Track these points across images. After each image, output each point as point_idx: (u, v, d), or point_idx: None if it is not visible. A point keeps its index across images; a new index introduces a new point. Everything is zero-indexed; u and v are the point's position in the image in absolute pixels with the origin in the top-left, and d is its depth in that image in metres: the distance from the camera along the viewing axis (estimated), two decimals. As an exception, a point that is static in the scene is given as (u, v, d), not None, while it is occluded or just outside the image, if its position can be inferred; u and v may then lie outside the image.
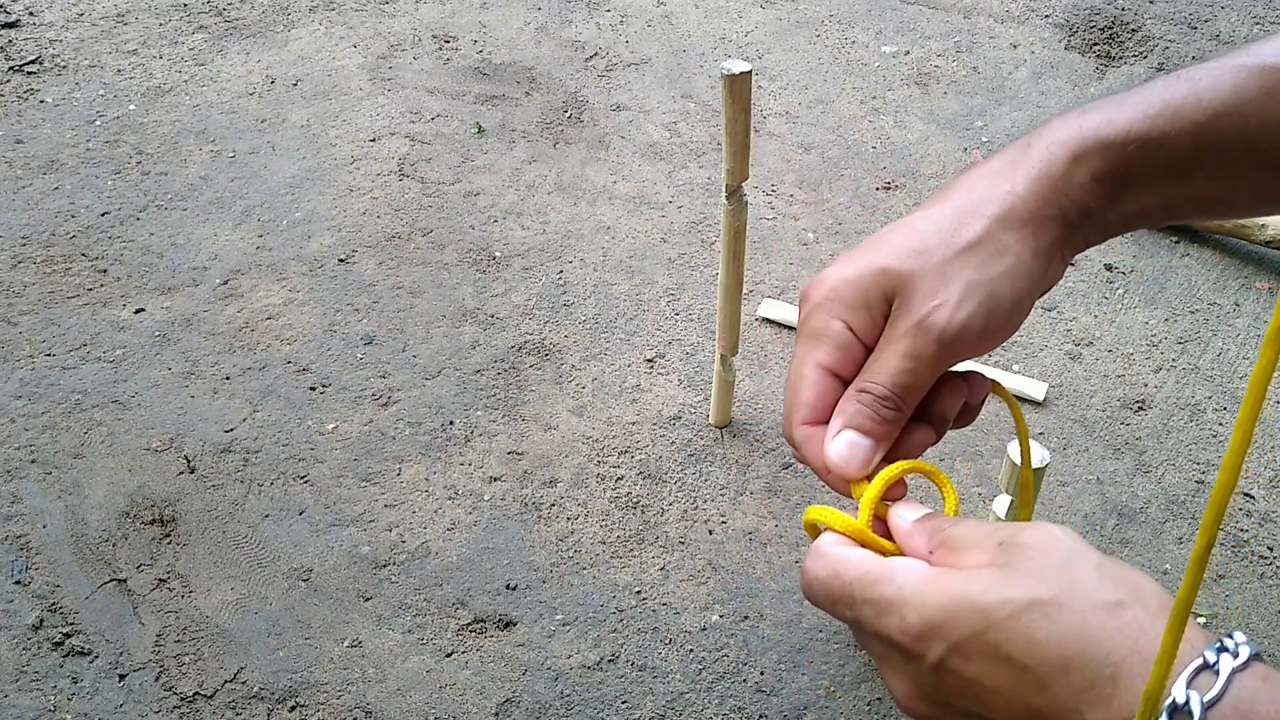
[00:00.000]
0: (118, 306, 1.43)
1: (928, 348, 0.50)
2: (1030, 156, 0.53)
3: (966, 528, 0.47)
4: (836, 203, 1.60)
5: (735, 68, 0.92)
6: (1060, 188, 0.52)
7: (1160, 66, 1.87)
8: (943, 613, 0.43)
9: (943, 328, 0.50)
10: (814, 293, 0.54)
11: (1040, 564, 0.42)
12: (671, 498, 1.20)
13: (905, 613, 0.44)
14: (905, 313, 0.51)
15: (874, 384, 0.51)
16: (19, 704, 1.03)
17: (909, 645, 0.44)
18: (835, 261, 0.55)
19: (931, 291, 0.50)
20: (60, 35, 1.91)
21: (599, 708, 1.03)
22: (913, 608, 0.43)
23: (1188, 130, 0.51)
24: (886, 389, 0.51)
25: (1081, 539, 0.44)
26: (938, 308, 0.50)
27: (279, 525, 1.18)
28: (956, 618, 0.42)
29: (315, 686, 1.05)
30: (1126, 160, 0.52)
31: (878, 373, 0.51)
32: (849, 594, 0.46)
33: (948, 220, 0.52)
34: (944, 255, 0.51)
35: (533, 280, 1.47)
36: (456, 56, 1.88)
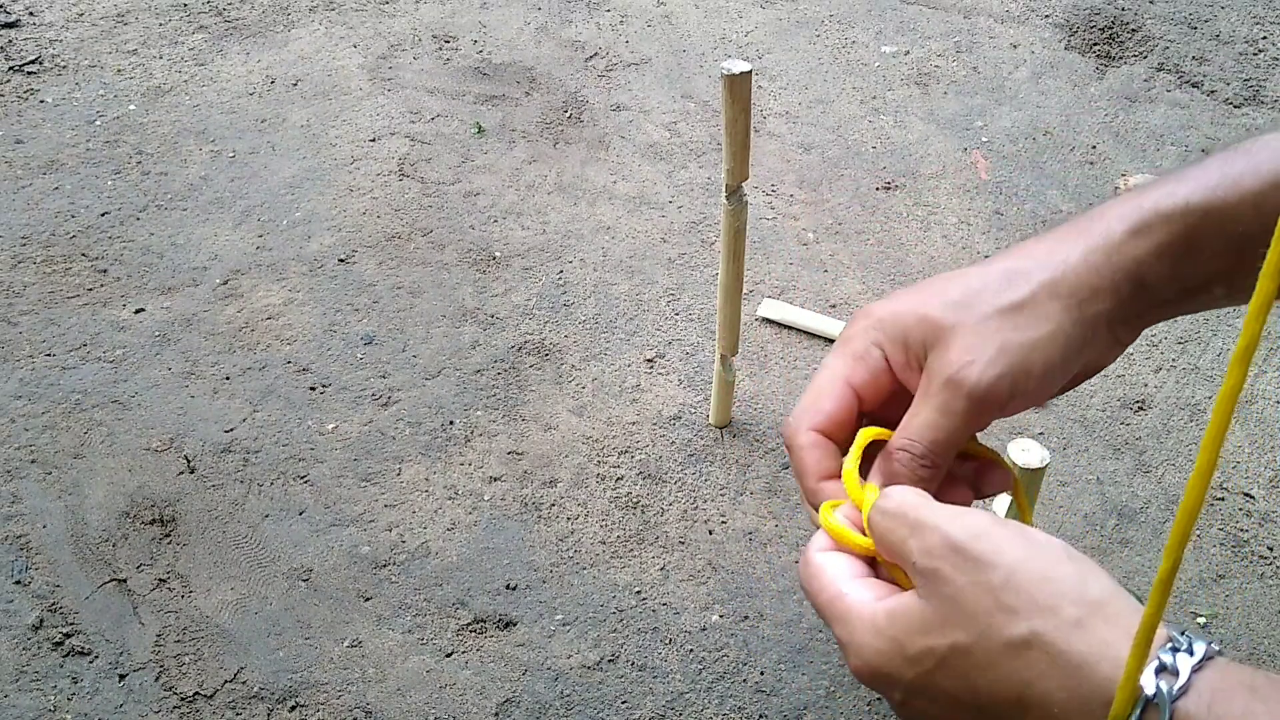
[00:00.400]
0: (118, 306, 1.43)
1: (959, 403, 0.51)
2: (1091, 229, 0.54)
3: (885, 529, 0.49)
4: (836, 203, 1.60)
5: (735, 68, 0.92)
6: (1114, 260, 0.52)
7: (1160, 67, 1.87)
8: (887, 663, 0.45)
9: (972, 385, 0.51)
10: (861, 319, 0.56)
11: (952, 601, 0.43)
12: (671, 498, 1.20)
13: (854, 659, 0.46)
14: (940, 367, 0.52)
15: (911, 442, 0.52)
16: (19, 704, 1.03)
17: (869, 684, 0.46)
18: (891, 294, 0.56)
19: (967, 348, 0.51)
20: (60, 35, 1.91)
21: (599, 708, 1.03)
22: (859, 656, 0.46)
23: (1249, 199, 0.51)
24: (924, 447, 0.52)
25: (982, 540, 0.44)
26: (969, 365, 0.51)
27: (279, 525, 1.18)
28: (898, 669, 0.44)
29: (315, 686, 1.05)
30: (1188, 231, 0.52)
31: (915, 430, 0.53)
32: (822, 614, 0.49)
33: (998, 279, 0.53)
34: (985, 312, 0.52)
35: (533, 280, 1.47)
36: (456, 56, 1.88)
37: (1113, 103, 1.80)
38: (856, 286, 1.46)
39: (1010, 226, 1.57)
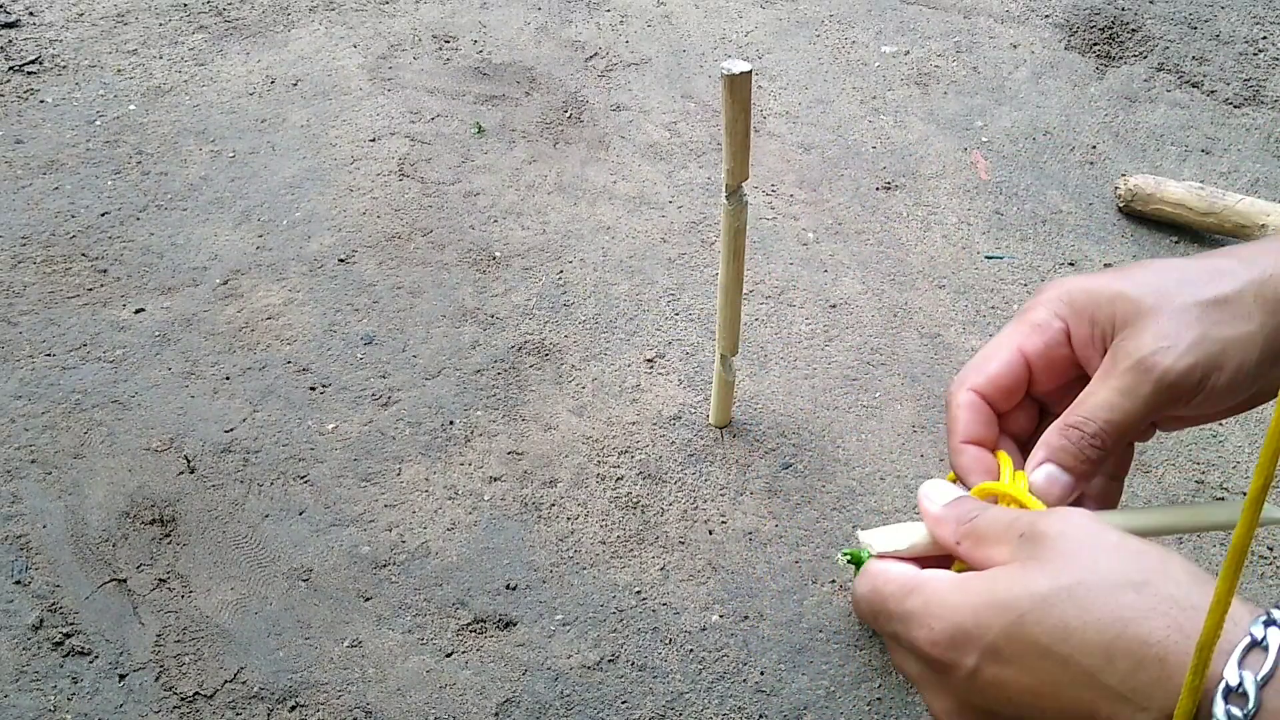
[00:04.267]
0: (118, 306, 1.43)
1: (1145, 387, 0.48)
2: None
3: (992, 517, 0.46)
4: (836, 203, 1.60)
5: (735, 68, 0.92)
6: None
7: (1160, 67, 1.87)
8: (971, 617, 0.41)
9: (1163, 370, 0.48)
10: (1046, 290, 0.54)
11: (1061, 551, 0.41)
12: (671, 498, 1.20)
13: (932, 623, 0.43)
14: (1129, 348, 0.49)
15: (1085, 420, 0.50)
16: (19, 704, 1.03)
17: (940, 656, 0.42)
18: (1081, 273, 0.54)
19: (1163, 333, 0.48)
20: (60, 35, 1.91)
21: (599, 708, 1.03)
22: (939, 617, 0.43)
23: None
24: (1097, 426, 0.50)
25: (1100, 521, 0.43)
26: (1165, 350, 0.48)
27: (279, 525, 1.18)
28: (984, 620, 0.41)
29: (315, 686, 1.05)
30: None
31: (1090, 408, 0.50)
32: (886, 608, 0.46)
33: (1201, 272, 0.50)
34: (1186, 301, 0.49)
35: (533, 280, 1.47)
36: (456, 56, 1.88)
37: (1113, 103, 1.80)
38: (856, 286, 1.46)
39: (1010, 226, 1.57)
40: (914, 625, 0.44)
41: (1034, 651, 0.40)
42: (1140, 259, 1.51)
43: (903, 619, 0.44)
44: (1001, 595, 0.41)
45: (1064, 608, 0.39)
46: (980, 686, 0.42)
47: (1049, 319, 0.52)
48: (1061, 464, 0.50)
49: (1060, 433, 0.50)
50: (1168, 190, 1.54)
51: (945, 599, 0.43)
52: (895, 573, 0.46)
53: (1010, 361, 0.52)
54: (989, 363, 0.53)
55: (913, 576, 0.45)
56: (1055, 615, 0.39)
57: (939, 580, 0.44)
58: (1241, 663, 0.36)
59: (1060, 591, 0.39)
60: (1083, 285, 0.52)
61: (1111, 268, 0.55)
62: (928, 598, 0.44)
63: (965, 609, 0.42)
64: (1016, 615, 0.40)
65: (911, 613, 0.44)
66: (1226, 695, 0.36)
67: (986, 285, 1.48)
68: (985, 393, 0.53)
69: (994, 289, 1.47)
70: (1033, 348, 0.52)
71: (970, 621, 0.41)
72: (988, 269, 1.50)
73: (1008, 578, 0.42)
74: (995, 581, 0.42)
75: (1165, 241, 1.55)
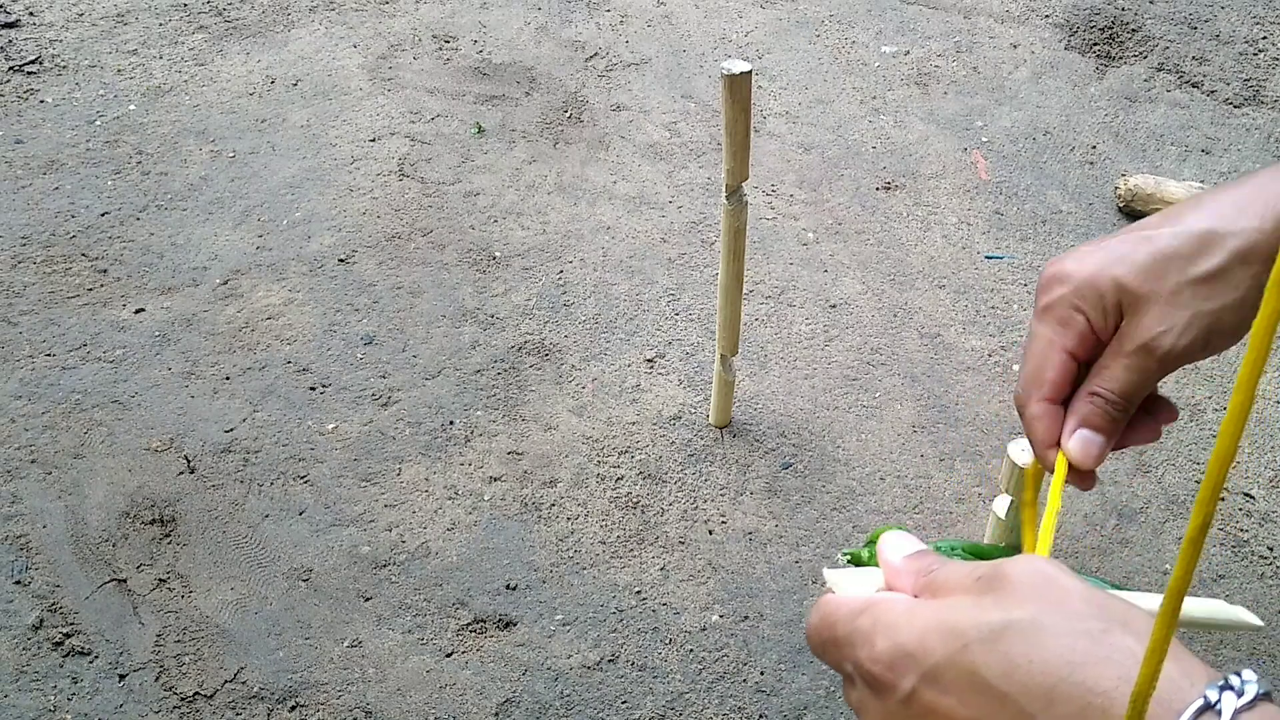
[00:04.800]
0: (118, 306, 1.43)
1: (1151, 365, 0.57)
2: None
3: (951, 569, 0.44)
4: (836, 203, 1.60)
5: (735, 68, 0.92)
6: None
7: (1160, 66, 1.87)
8: (916, 639, 0.40)
9: (1165, 352, 0.56)
10: (1059, 283, 0.60)
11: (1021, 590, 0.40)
12: (671, 498, 1.20)
13: (876, 640, 0.42)
14: (1134, 333, 0.57)
15: (1105, 389, 0.58)
16: (19, 704, 1.03)
17: (879, 675, 0.41)
18: (1073, 253, 0.61)
19: (1161, 317, 0.56)
20: (60, 35, 1.91)
21: (599, 708, 1.03)
22: (884, 635, 0.42)
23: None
24: (1116, 394, 0.58)
25: (1069, 571, 0.41)
26: (1164, 334, 0.55)
27: (279, 525, 1.18)
28: (928, 644, 0.40)
29: (315, 686, 1.05)
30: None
31: (1108, 380, 0.58)
32: (834, 633, 0.45)
33: (1188, 244, 0.56)
34: (1178, 282, 0.56)
35: (533, 280, 1.47)
36: (456, 56, 1.88)
37: (1113, 103, 1.80)
38: (856, 286, 1.46)
39: (1010, 226, 1.57)
40: (859, 644, 0.43)
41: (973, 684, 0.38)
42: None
43: (849, 639, 0.44)
44: (950, 621, 0.40)
45: (1012, 643, 0.38)
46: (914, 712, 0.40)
47: (1070, 313, 0.59)
48: (1092, 425, 0.58)
49: (1086, 400, 0.58)
50: (1168, 190, 1.54)
51: (894, 620, 0.42)
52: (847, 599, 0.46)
53: (1061, 364, 0.59)
54: (1045, 371, 0.59)
55: (865, 600, 0.45)
56: (1001, 649, 0.38)
57: (891, 602, 0.43)
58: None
59: (1011, 626, 0.38)
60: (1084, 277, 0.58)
61: (1101, 239, 0.60)
62: (877, 617, 0.43)
63: (911, 630, 0.41)
64: (961, 644, 0.39)
65: (858, 630, 0.43)
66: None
67: (986, 285, 1.48)
68: (1054, 397, 0.60)
69: (994, 289, 1.47)
70: (1072, 343, 0.59)
71: (914, 643, 0.40)
72: (988, 269, 1.50)
73: (960, 606, 0.41)
74: (947, 609, 0.41)
75: (1165, 241, 1.55)
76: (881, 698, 0.42)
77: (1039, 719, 0.37)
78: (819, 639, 0.47)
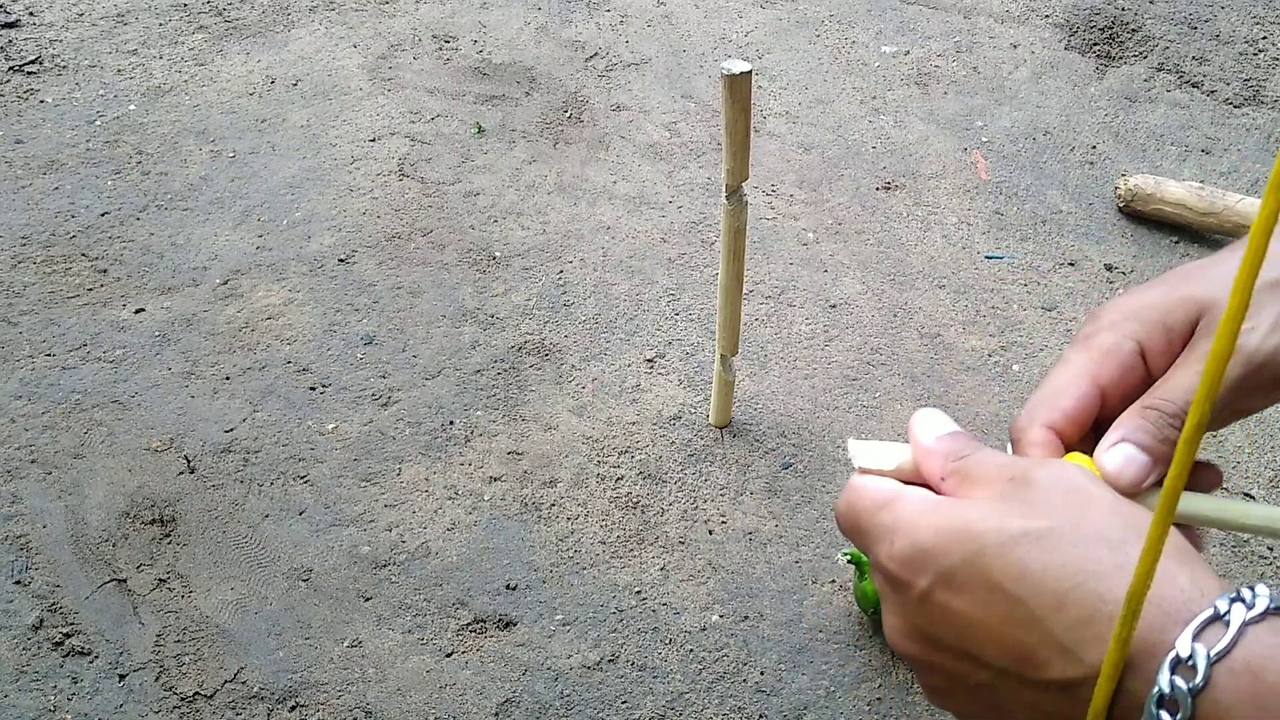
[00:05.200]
0: (118, 306, 1.43)
1: (1233, 369, 0.47)
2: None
3: (983, 458, 0.44)
4: (836, 203, 1.60)
5: (735, 68, 0.92)
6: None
7: (1160, 67, 1.87)
8: (934, 538, 0.40)
9: (1253, 350, 0.47)
10: (1107, 314, 0.52)
11: (1045, 498, 0.40)
12: (671, 498, 1.20)
13: (895, 538, 0.42)
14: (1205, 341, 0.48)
15: (1165, 401, 0.48)
16: (19, 704, 1.03)
17: (896, 573, 0.42)
18: (1129, 291, 0.53)
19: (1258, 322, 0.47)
20: (60, 35, 1.91)
21: (599, 708, 1.03)
22: (902, 534, 0.42)
23: None
24: (1178, 407, 0.48)
25: (1100, 480, 0.41)
26: (1249, 331, 0.47)
27: (279, 525, 1.18)
28: (945, 545, 0.40)
29: (315, 686, 1.05)
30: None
31: (1171, 390, 0.48)
32: (859, 523, 0.45)
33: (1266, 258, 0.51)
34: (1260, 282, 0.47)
35: (533, 280, 1.47)
36: (456, 56, 1.88)
37: (1113, 103, 1.80)
38: (856, 286, 1.46)
39: (1010, 226, 1.57)
40: (880, 539, 0.43)
41: (986, 585, 0.39)
42: (1139, 259, 1.52)
43: (871, 533, 0.44)
44: (968, 524, 0.40)
45: (1028, 550, 0.38)
46: (927, 609, 0.41)
47: (1119, 341, 0.50)
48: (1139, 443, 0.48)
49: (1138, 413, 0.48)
50: (1168, 190, 1.54)
51: (914, 518, 0.42)
52: (872, 487, 0.46)
53: (1084, 394, 0.50)
54: (1061, 397, 0.50)
55: (888, 492, 0.45)
56: (1017, 555, 0.38)
57: (912, 498, 0.43)
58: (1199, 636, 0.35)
59: (1030, 534, 0.38)
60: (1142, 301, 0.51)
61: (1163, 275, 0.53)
62: (897, 514, 0.43)
63: (929, 530, 0.41)
64: (978, 546, 0.39)
65: (880, 525, 0.43)
66: (1175, 666, 0.34)
67: (986, 285, 1.48)
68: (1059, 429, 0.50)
69: (994, 289, 1.47)
70: (1107, 377, 0.50)
71: (931, 542, 0.41)
72: (988, 269, 1.50)
73: (981, 509, 0.41)
74: (967, 510, 0.41)
75: (1165, 241, 1.55)
76: (899, 593, 0.42)
77: (1048, 622, 0.37)
78: (844, 525, 0.47)
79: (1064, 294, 1.46)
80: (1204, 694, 0.34)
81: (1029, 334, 1.40)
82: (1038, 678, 0.38)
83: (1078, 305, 1.45)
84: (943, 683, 0.42)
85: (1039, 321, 1.42)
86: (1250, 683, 0.34)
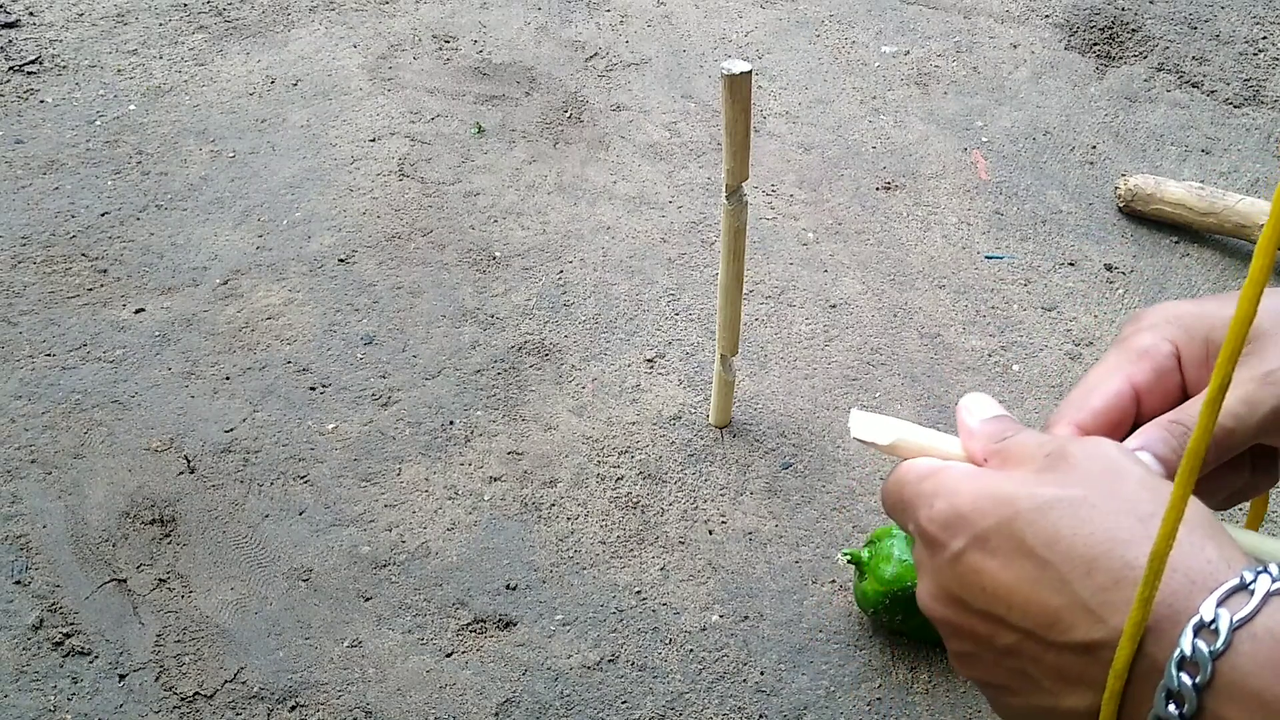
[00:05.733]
0: (118, 306, 1.43)
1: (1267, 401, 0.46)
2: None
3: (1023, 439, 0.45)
4: (836, 203, 1.60)
5: (735, 68, 0.92)
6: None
7: (1160, 67, 1.87)
8: (971, 502, 0.42)
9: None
10: (1149, 316, 0.51)
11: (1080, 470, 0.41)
12: (671, 498, 1.20)
13: (935, 502, 0.44)
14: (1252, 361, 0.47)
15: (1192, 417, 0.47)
16: (19, 704, 1.03)
17: (934, 534, 0.43)
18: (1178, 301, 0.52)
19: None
20: (60, 35, 1.91)
21: (599, 708, 1.03)
22: (943, 497, 0.43)
23: None
24: None
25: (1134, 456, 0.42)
26: None
27: (279, 525, 1.18)
28: (981, 509, 0.41)
29: (315, 686, 1.05)
30: None
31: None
32: (903, 494, 0.46)
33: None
34: None
35: (533, 280, 1.47)
36: (456, 56, 1.88)
37: (1113, 103, 1.80)
38: (856, 286, 1.46)
39: (1010, 226, 1.57)
40: (920, 505, 0.45)
41: (1018, 549, 0.40)
42: (1139, 259, 1.52)
43: (913, 501, 0.45)
44: (1005, 491, 0.41)
45: (1060, 515, 0.39)
46: (960, 571, 0.42)
47: (1157, 343, 0.49)
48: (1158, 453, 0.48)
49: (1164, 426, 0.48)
50: (1168, 190, 1.54)
51: (955, 484, 0.44)
52: (920, 463, 0.47)
53: (1118, 393, 0.49)
54: (1092, 396, 0.50)
55: (934, 465, 0.46)
56: (1049, 520, 0.39)
57: (955, 468, 0.45)
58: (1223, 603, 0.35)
59: (1063, 501, 0.40)
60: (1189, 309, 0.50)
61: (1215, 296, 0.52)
62: (939, 481, 0.44)
63: (967, 495, 0.42)
64: (1013, 511, 0.40)
65: (922, 494, 0.45)
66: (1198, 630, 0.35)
67: (986, 285, 1.48)
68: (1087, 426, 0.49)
69: (994, 289, 1.47)
70: (1142, 377, 0.49)
71: (969, 506, 0.42)
72: (988, 269, 1.50)
73: (1018, 479, 0.42)
74: (1005, 479, 0.43)
75: (1165, 241, 1.55)
76: (933, 555, 0.44)
77: (1075, 585, 0.38)
78: (889, 500, 0.49)
79: (1064, 294, 1.46)
80: (1224, 658, 0.34)
81: (1029, 334, 1.40)
82: (1062, 640, 0.38)
83: (1078, 305, 1.45)
84: (969, 647, 0.43)
85: (1039, 321, 1.42)
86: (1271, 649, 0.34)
